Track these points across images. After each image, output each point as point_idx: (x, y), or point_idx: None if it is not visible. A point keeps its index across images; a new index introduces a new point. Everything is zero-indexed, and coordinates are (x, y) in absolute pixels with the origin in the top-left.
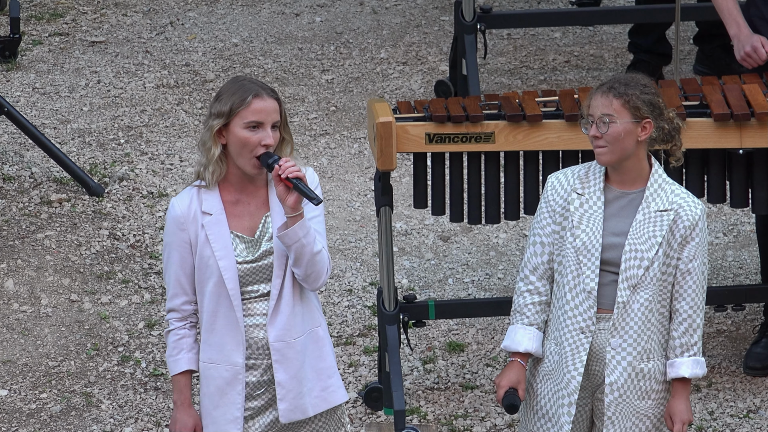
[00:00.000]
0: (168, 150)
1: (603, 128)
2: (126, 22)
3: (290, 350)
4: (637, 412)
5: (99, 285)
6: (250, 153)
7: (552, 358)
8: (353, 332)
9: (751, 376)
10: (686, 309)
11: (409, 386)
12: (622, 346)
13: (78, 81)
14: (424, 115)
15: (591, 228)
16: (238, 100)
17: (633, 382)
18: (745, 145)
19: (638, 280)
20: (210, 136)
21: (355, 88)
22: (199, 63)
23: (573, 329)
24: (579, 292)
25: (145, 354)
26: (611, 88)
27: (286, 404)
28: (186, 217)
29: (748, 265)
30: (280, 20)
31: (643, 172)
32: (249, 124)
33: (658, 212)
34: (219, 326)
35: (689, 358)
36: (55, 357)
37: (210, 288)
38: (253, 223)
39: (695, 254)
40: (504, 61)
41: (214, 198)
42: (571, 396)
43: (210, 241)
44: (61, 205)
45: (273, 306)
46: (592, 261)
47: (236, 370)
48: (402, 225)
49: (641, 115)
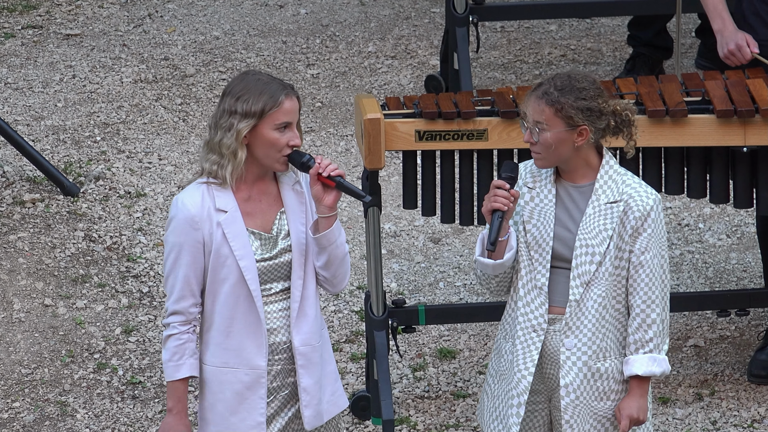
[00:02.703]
0: (146, 148)
1: (535, 136)
2: (102, 14)
3: (315, 354)
4: (596, 414)
5: (74, 289)
6: (278, 153)
7: (507, 357)
8: (340, 338)
9: (756, 384)
10: (639, 304)
11: (399, 395)
12: (576, 345)
13: (52, 76)
14: (413, 112)
15: (542, 222)
16: (270, 101)
17: (589, 382)
18: (749, 142)
19: (591, 277)
20: (237, 139)
21: (342, 83)
22: (179, 57)
23: (525, 326)
24: (531, 289)
25: (122, 361)
26: (545, 93)
27: (311, 410)
28: (200, 215)
29: (753, 268)
30: (263, 12)
31: (592, 166)
32: (280, 125)
33: (608, 204)
34: (237, 329)
35: (644, 355)
36: (28, 364)
37: (226, 289)
38: (266, 220)
39: (647, 246)
40: (497, 55)
41: (228, 195)
42: (520, 396)
43: (228, 240)
44: (34, 206)
45: (297, 309)
46: (542, 256)
47: (258, 374)
48: (391, 226)
49: (575, 123)
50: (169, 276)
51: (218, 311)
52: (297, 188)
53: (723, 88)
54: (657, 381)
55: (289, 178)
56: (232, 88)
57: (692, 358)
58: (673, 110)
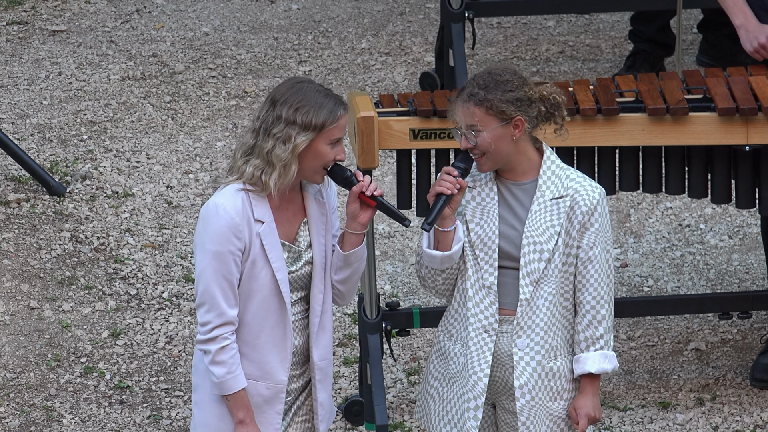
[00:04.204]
0: (134, 146)
1: (472, 140)
2: (89, 9)
3: (330, 368)
4: (551, 415)
5: (60, 291)
6: (321, 166)
7: (458, 360)
8: (332, 342)
9: (758, 388)
10: (589, 300)
11: (392, 399)
12: (529, 345)
13: (38, 73)
14: (408, 110)
15: (485, 221)
16: (331, 117)
17: (543, 382)
18: (752, 141)
19: (540, 275)
20: (292, 151)
21: (335, 80)
22: (168, 53)
23: (477, 327)
24: (479, 288)
25: (109, 365)
26: (471, 95)
27: (325, 425)
28: (242, 223)
29: (755, 270)
30: (254, 7)
31: (533, 162)
32: (334, 140)
33: (553, 200)
34: (263, 342)
35: (595, 352)
36: (14, 368)
37: (257, 301)
38: (290, 230)
39: (595, 241)
40: (494, 51)
41: (264, 204)
42: (477, 399)
43: (266, 251)
44: (19, 206)
45: (318, 323)
46: (489, 255)
47: (278, 388)
48: (384, 227)
49: (508, 116)
50: (210, 285)
51: (247, 322)
52: (319, 198)
53: (725, 85)
54: (657, 386)
55: (312, 188)
56: (287, 96)
57: (693, 362)
58: (673, 108)
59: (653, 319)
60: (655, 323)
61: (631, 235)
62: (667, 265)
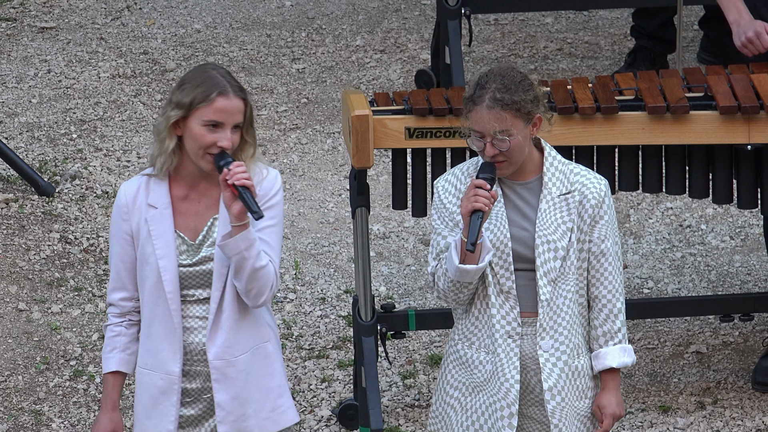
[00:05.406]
0: (124, 145)
1: (503, 145)
2: (79, 6)
3: (231, 369)
4: (578, 414)
5: (49, 293)
6: (203, 151)
7: (484, 368)
8: (326, 344)
9: (760, 392)
10: (605, 294)
11: (388, 403)
12: (554, 346)
13: (26, 70)
14: (403, 108)
15: (495, 226)
16: (201, 95)
17: (570, 382)
18: (754, 140)
19: (557, 273)
20: (165, 126)
21: (329, 78)
22: (159, 51)
23: (502, 334)
24: (499, 293)
25: (99, 368)
26: (496, 100)
27: (227, 427)
28: (130, 206)
29: (757, 271)
30: (246, 4)
31: (535, 160)
32: (208, 122)
33: (561, 196)
34: (155, 331)
35: (614, 346)
36: (2, 371)
37: (148, 288)
38: (198, 224)
39: (606, 233)
40: (491, 48)
41: (162, 190)
42: (511, 407)
43: (152, 238)
44: (7, 206)
45: (212, 320)
46: (504, 259)
47: (171, 379)
48: (380, 227)
49: (531, 116)
50: (110, 266)
51: (143, 310)
52: None
53: (726, 83)
54: (657, 390)
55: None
56: (183, 77)
57: (694, 365)
58: (674, 106)
59: (653, 322)
60: (655, 326)
61: (630, 236)
62: (668, 266)
